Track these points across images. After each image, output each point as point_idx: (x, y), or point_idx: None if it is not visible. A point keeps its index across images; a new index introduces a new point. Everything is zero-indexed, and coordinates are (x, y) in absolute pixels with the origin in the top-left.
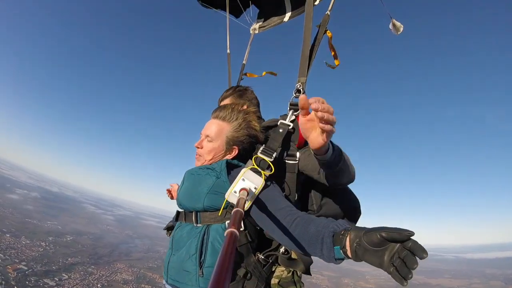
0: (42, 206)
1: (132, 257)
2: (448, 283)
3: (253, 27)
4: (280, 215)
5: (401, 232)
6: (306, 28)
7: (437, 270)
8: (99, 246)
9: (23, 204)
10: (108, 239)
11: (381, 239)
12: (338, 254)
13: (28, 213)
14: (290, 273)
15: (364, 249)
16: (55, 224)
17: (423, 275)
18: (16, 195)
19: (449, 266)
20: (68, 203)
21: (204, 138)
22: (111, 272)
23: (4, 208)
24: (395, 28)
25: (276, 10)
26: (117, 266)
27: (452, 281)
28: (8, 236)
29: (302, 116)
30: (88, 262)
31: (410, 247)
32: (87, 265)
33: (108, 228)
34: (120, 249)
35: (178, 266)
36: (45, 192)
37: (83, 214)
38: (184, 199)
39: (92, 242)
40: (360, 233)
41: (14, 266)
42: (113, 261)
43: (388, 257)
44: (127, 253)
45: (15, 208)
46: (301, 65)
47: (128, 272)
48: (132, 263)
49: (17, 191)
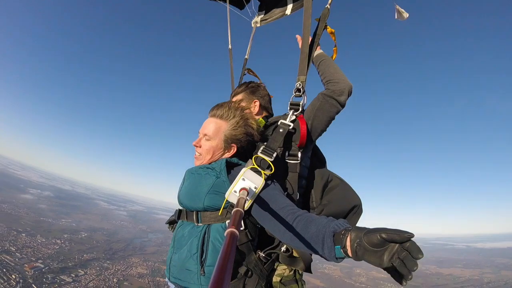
0: (55, 204)
1: (146, 251)
2: (459, 272)
3: (255, 21)
4: (281, 214)
5: (401, 234)
6: (305, 25)
7: (449, 259)
8: (113, 241)
9: (37, 204)
10: (122, 235)
11: (381, 240)
12: (339, 254)
13: (42, 212)
14: (291, 271)
15: (364, 249)
16: (69, 222)
17: (434, 265)
18: (29, 195)
19: (461, 256)
20: (81, 200)
21: (202, 137)
22: (127, 266)
23: (18, 208)
24: (400, 15)
25: (277, 2)
26: (132, 260)
27: (463, 270)
28: (24, 235)
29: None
30: (103, 257)
31: (408, 247)
32: (103, 261)
33: (122, 223)
34: (135, 244)
35: (179, 265)
36: (57, 190)
37: (96, 210)
38: (184, 198)
39: (106, 238)
40: (360, 234)
41: (31, 264)
42: (128, 255)
43: (388, 257)
44: (142, 247)
45: (29, 207)
46: (300, 63)
47: (143, 266)
48: (146, 257)
49: (30, 191)
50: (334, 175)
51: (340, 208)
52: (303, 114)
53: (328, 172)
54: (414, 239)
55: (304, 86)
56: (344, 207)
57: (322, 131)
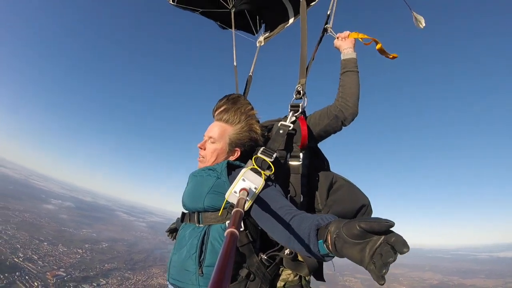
0: (76, 215)
1: (166, 262)
2: (482, 283)
3: (259, 40)
4: (278, 214)
5: (380, 222)
6: (303, 30)
7: (471, 270)
8: (134, 252)
9: (58, 214)
10: (142, 245)
11: (361, 231)
12: (322, 250)
13: (63, 222)
14: (297, 276)
15: (344, 241)
16: (90, 232)
17: (457, 276)
18: (51, 205)
19: (483, 266)
20: (102, 211)
21: (207, 139)
22: (147, 277)
23: (40, 217)
24: (417, 21)
25: (281, 20)
26: (153, 271)
27: (486, 281)
28: (46, 244)
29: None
30: (124, 267)
31: (393, 241)
32: (124, 271)
33: (142, 234)
34: (155, 255)
35: (179, 265)
36: (78, 201)
37: (116, 221)
38: (187, 200)
39: (127, 248)
40: (340, 224)
41: (53, 272)
42: (149, 266)
43: (370, 253)
44: (162, 258)
45: (51, 217)
46: (300, 67)
47: (163, 277)
48: (167, 268)
49: (52, 201)
50: (339, 177)
51: (347, 208)
52: (308, 120)
53: (333, 173)
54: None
55: (304, 88)
56: (351, 207)
57: (322, 139)
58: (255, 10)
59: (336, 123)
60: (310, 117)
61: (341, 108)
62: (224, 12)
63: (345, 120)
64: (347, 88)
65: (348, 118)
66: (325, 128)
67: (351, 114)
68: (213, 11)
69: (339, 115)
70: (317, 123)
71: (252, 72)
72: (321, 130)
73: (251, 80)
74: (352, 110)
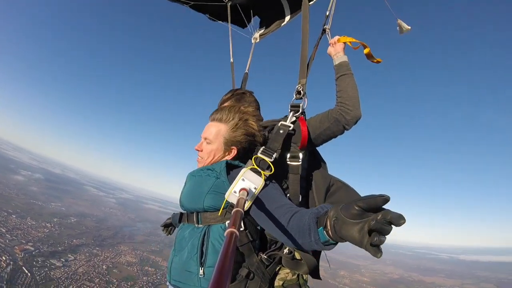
0: (45, 187)
1: (135, 240)
2: (441, 281)
3: (254, 37)
4: (278, 213)
5: (376, 198)
6: (304, 30)
7: (432, 268)
8: (102, 228)
9: (28, 186)
10: (111, 222)
11: (359, 210)
12: (323, 237)
13: (33, 195)
14: (295, 275)
15: (343, 222)
16: (59, 206)
17: (417, 272)
18: (20, 176)
19: (443, 266)
20: (71, 185)
21: (203, 141)
22: (116, 254)
23: (9, 189)
24: (401, 29)
25: (277, 16)
26: (121, 248)
27: (445, 280)
28: (14, 217)
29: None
30: (92, 243)
31: (390, 218)
32: (92, 247)
33: (111, 211)
34: (123, 232)
35: (180, 267)
36: (48, 173)
37: (86, 196)
38: (185, 200)
39: (95, 224)
40: (338, 208)
41: (21, 246)
42: (117, 243)
43: (368, 231)
44: (130, 236)
45: (20, 189)
46: (301, 67)
47: (131, 254)
48: (135, 246)
49: (21, 172)
50: (336, 179)
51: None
52: (308, 122)
53: (330, 175)
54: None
55: (304, 88)
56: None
57: (322, 142)
58: (251, 5)
59: (337, 126)
60: (309, 120)
61: (341, 112)
62: (217, 6)
63: (347, 123)
64: (344, 92)
65: (350, 122)
66: (325, 132)
67: (352, 117)
68: (206, 4)
69: (339, 119)
70: (317, 126)
71: (248, 70)
72: (322, 133)
73: (247, 78)
74: (353, 113)
